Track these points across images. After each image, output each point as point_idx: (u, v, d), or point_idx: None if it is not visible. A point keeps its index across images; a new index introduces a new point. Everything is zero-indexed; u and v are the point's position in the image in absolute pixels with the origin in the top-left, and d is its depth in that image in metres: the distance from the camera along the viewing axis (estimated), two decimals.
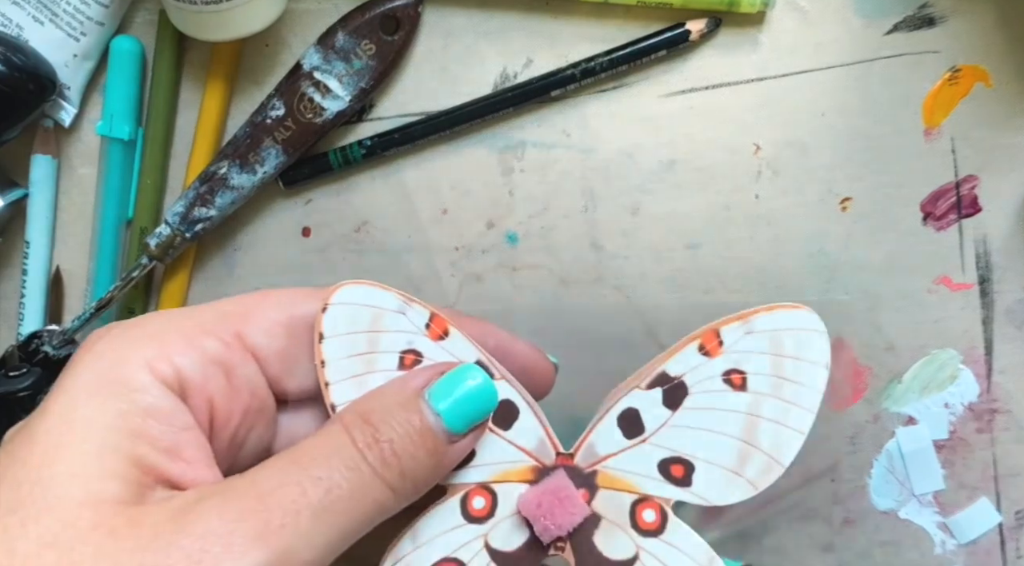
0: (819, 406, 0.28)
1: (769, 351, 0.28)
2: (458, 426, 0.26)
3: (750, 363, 0.28)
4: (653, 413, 0.28)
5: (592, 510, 0.28)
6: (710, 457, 0.28)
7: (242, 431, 0.27)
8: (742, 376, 0.28)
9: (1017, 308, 0.42)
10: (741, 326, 0.28)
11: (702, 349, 0.28)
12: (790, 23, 0.40)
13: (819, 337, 0.28)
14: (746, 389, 0.28)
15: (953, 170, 0.41)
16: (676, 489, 0.28)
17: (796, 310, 0.28)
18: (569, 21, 0.41)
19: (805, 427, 0.28)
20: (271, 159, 0.40)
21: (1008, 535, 0.43)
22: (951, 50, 0.40)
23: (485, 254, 0.42)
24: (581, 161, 0.42)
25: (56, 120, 0.42)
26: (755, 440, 0.28)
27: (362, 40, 0.40)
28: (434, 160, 0.42)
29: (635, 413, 0.28)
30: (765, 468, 0.28)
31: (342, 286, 0.28)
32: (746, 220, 0.41)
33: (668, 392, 0.28)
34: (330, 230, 0.42)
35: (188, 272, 0.43)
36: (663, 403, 0.28)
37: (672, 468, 0.28)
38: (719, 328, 0.28)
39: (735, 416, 0.28)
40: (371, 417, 0.25)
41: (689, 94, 0.41)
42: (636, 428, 0.28)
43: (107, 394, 0.24)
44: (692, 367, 0.28)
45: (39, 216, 0.42)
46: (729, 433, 0.28)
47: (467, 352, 0.28)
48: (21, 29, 0.40)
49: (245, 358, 0.27)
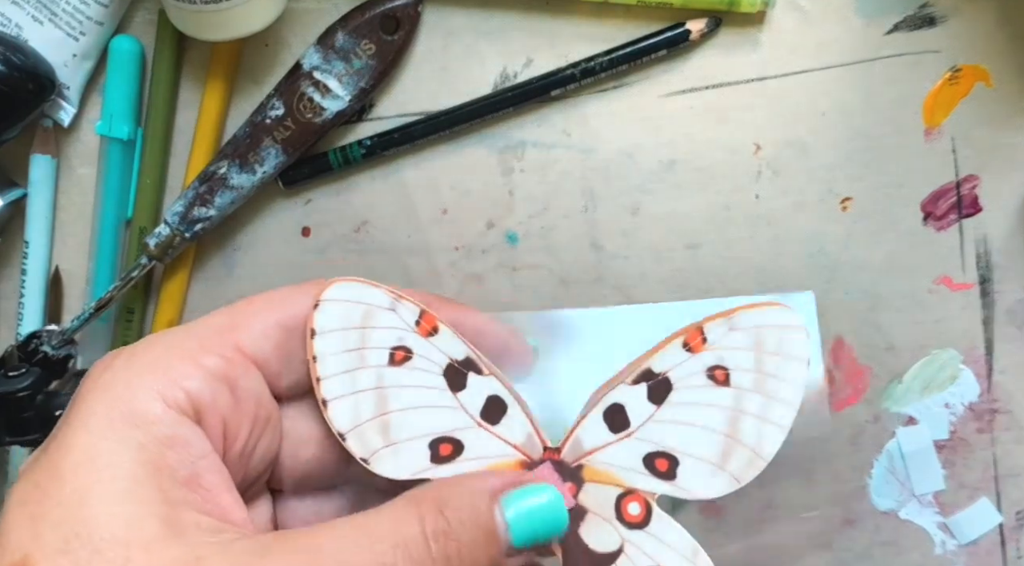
0: (800, 401, 0.28)
1: (752, 347, 0.28)
2: (521, 541, 0.26)
3: (733, 359, 0.28)
4: (638, 408, 0.29)
5: (578, 503, 0.28)
6: (694, 451, 0.28)
7: (251, 442, 0.27)
8: (725, 372, 0.28)
9: (1017, 308, 0.42)
10: (724, 323, 0.28)
11: (686, 346, 0.29)
12: (790, 23, 0.40)
13: (800, 333, 0.28)
14: (729, 385, 0.28)
15: (953, 170, 0.41)
16: (661, 482, 0.28)
17: (777, 308, 0.29)
18: (569, 21, 0.41)
19: (787, 421, 0.28)
20: (271, 159, 0.40)
21: (1008, 535, 0.43)
22: (951, 50, 0.40)
23: (485, 254, 0.42)
24: (581, 161, 0.41)
25: (55, 120, 0.42)
26: (738, 434, 0.28)
27: (362, 40, 0.40)
28: (434, 160, 0.42)
29: (621, 408, 0.29)
30: (748, 462, 0.28)
31: (334, 283, 0.28)
32: (746, 220, 0.41)
33: (653, 388, 0.29)
34: (330, 230, 0.42)
35: (188, 272, 0.43)
36: (648, 398, 0.29)
37: (657, 462, 0.28)
38: (703, 325, 0.29)
39: (718, 411, 0.28)
40: (447, 510, 0.25)
41: (689, 94, 0.41)
42: (622, 423, 0.29)
43: (124, 428, 0.24)
44: (676, 363, 0.28)
45: (38, 216, 0.42)
46: (713, 427, 0.28)
47: (456, 348, 0.29)
48: (20, 29, 0.40)
49: (247, 369, 0.27)
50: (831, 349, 0.42)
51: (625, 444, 0.29)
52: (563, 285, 0.42)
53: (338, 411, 0.28)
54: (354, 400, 0.28)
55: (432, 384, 0.29)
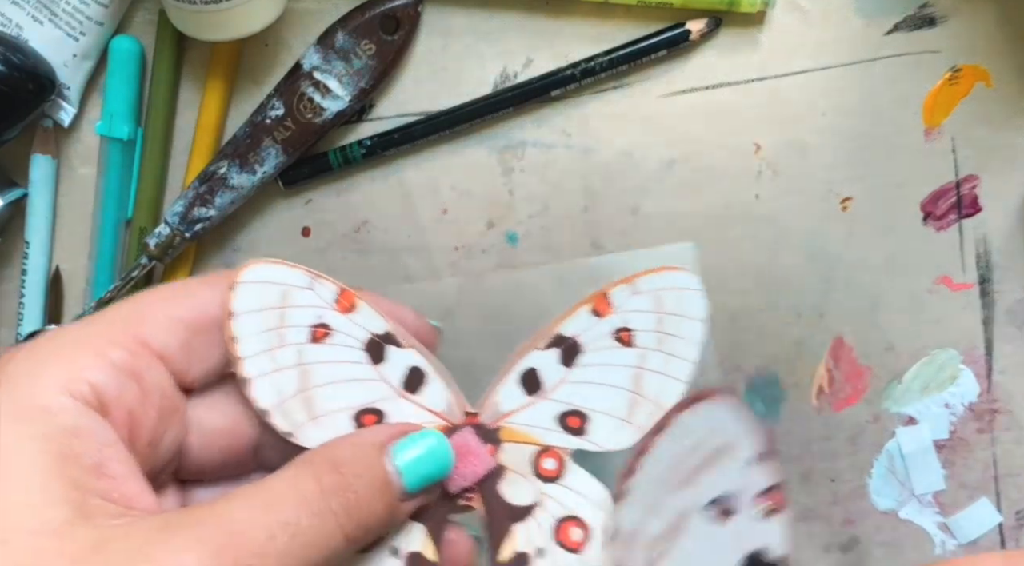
0: (698, 357, 0.30)
1: (653, 309, 0.30)
2: (414, 485, 0.27)
3: (637, 321, 0.30)
4: (551, 371, 0.30)
5: (497, 462, 0.30)
6: (603, 408, 0.30)
7: (158, 433, 0.27)
8: (630, 333, 0.30)
9: (1017, 308, 0.42)
10: (627, 288, 0.30)
11: (594, 311, 0.30)
12: (790, 23, 0.40)
13: (697, 295, 0.30)
14: (633, 345, 0.30)
15: (953, 170, 0.41)
16: (574, 438, 0.30)
17: (676, 271, 0.31)
18: (569, 21, 0.41)
19: (685, 376, 0.30)
20: (271, 159, 0.40)
21: (1008, 535, 0.43)
22: (951, 50, 0.40)
23: (485, 254, 0.42)
24: (581, 161, 0.41)
25: (55, 120, 0.42)
26: (642, 390, 0.30)
27: (362, 40, 0.40)
28: (434, 160, 0.42)
29: (534, 372, 0.30)
30: (651, 414, 0.30)
31: (249, 265, 0.29)
32: (746, 220, 0.41)
33: (564, 351, 0.30)
34: (330, 230, 0.42)
35: (187, 272, 0.43)
36: (560, 362, 0.30)
37: (569, 420, 0.30)
38: (608, 291, 0.30)
39: (624, 370, 0.30)
40: (340, 466, 0.26)
41: (689, 94, 0.41)
42: (536, 386, 0.30)
43: (29, 420, 0.24)
44: (585, 328, 0.30)
45: (39, 216, 0.42)
46: (619, 385, 0.30)
47: (375, 323, 0.30)
48: (20, 29, 0.40)
49: (152, 362, 0.27)
50: (831, 349, 0.42)
51: (540, 405, 0.30)
52: None
53: (260, 389, 0.29)
54: (275, 378, 0.29)
55: (353, 358, 0.29)
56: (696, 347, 0.30)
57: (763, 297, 0.42)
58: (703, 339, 0.30)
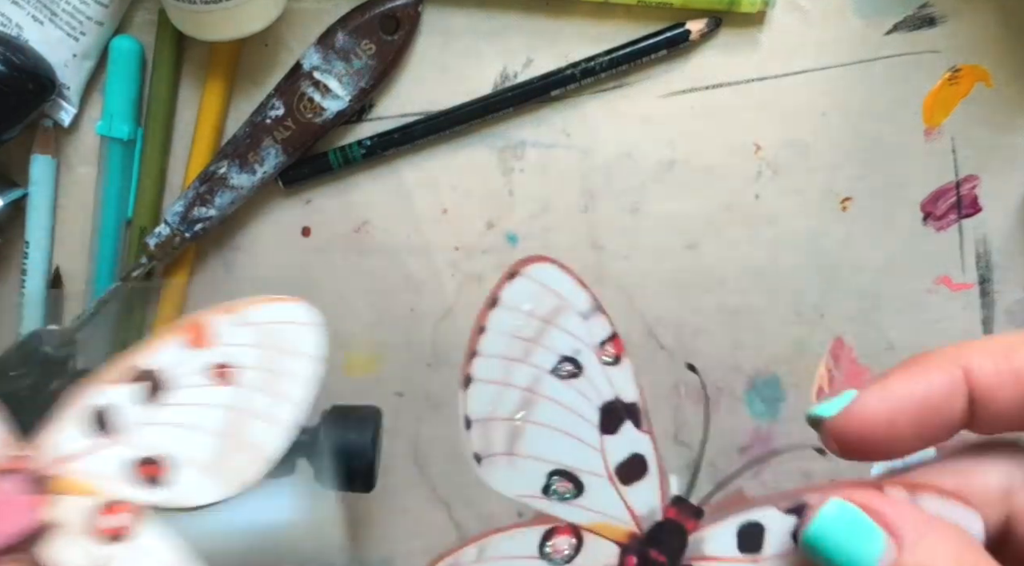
0: (310, 397, 0.27)
1: (260, 344, 0.27)
2: None
3: (239, 356, 0.27)
4: (127, 411, 0.26)
5: (40, 519, 0.26)
6: (188, 455, 0.26)
7: None
8: (230, 370, 0.27)
9: (1017, 308, 0.42)
10: (231, 318, 0.27)
11: (187, 342, 0.27)
12: (790, 23, 0.40)
13: (311, 330, 0.27)
14: (234, 383, 0.27)
15: (953, 170, 0.41)
16: (149, 491, 0.26)
17: (288, 303, 0.27)
18: (569, 21, 0.41)
19: (293, 420, 0.27)
20: (271, 159, 0.40)
21: None
22: (951, 50, 0.40)
23: (485, 254, 0.42)
24: (581, 161, 0.41)
25: (55, 120, 0.42)
26: (240, 434, 0.26)
27: (362, 40, 0.40)
28: (434, 160, 0.42)
29: (103, 411, 0.26)
30: (252, 462, 0.26)
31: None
32: (746, 220, 0.41)
33: (145, 388, 0.27)
34: (330, 230, 0.42)
35: (187, 272, 0.43)
36: (141, 399, 0.26)
37: (143, 468, 0.26)
38: (207, 320, 0.27)
39: (219, 411, 0.26)
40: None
41: (689, 94, 0.41)
42: (105, 427, 0.26)
43: None
44: (176, 362, 0.27)
45: (38, 216, 0.42)
46: (211, 428, 0.26)
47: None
48: (20, 29, 0.40)
49: None
50: (831, 349, 0.42)
51: (109, 450, 0.26)
52: None
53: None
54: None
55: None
56: (306, 387, 0.27)
57: (763, 297, 0.42)
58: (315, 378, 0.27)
